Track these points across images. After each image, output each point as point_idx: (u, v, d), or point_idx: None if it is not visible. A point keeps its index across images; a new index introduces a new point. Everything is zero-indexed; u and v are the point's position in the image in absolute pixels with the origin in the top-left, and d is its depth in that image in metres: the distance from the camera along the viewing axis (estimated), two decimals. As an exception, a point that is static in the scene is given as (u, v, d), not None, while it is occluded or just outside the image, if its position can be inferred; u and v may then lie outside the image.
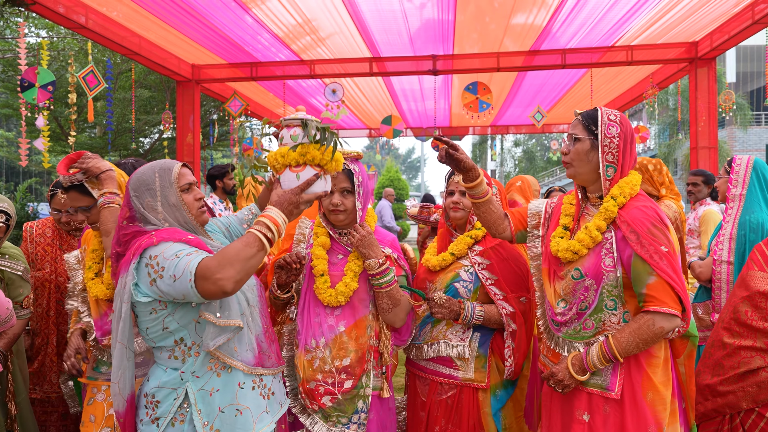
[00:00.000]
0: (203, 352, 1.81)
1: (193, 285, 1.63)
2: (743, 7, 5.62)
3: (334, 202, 2.36)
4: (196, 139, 7.63)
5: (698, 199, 4.73)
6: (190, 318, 1.79)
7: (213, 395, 1.81)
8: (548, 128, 12.23)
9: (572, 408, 2.07)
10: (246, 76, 7.48)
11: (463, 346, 2.49)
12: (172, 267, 1.67)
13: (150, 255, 1.72)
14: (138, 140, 14.26)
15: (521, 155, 35.43)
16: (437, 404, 2.52)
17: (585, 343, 2.05)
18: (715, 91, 6.70)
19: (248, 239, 1.71)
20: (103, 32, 5.70)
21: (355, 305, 2.36)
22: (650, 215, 2.00)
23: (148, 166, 1.91)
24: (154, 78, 11.65)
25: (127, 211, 1.86)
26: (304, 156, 1.93)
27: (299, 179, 1.95)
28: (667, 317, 1.93)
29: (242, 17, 6.01)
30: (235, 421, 1.83)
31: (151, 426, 1.83)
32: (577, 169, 2.16)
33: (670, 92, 19.66)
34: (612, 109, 2.14)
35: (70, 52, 9.40)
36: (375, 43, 6.84)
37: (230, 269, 1.64)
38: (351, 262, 2.38)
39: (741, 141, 23.42)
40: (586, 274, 2.05)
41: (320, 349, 2.30)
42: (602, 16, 6.03)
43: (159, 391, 1.83)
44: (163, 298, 1.73)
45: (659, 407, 1.97)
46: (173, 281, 1.66)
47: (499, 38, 6.80)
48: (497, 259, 2.53)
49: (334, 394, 2.27)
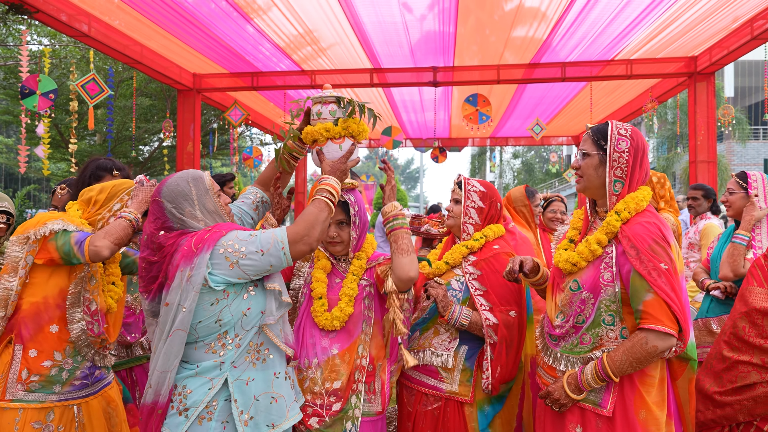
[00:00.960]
0: (243, 344, 1.92)
1: (287, 250, 1.91)
2: (742, 23, 5.66)
3: (331, 235, 2.38)
4: (197, 148, 7.64)
5: (698, 213, 4.73)
6: (241, 310, 1.92)
7: (249, 384, 1.91)
8: (547, 140, 12.26)
9: (565, 420, 2.06)
10: (247, 85, 7.50)
11: (448, 356, 2.47)
12: (255, 244, 1.90)
13: (224, 243, 1.89)
14: (138, 148, 14.28)
15: (520, 167, 35.50)
16: (423, 415, 2.49)
17: (582, 359, 2.04)
18: (714, 105, 6.73)
19: (319, 205, 2.02)
20: (105, 41, 5.73)
21: (349, 329, 2.34)
22: (652, 231, 1.97)
23: (179, 177, 2.02)
24: (155, 86, 11.69)
25: (162, 222, 1.96)
26: (345, 129, 2.27)
27: (342, 150, 2.29)
28: (662, 336, 1.90)
29: (244, 27, 6.03)
30: (270, 408, 1.92)
31: (178, 418, 1.85)
32: (586, 184, 2.16)
33: (669, 106, 19.75)
34: (624, 123, 2.12)
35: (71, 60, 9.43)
36: (376, 54, 6.87)
37: (314, 231, 1.97)
38: (346, 287, 2.37)
39: (739, 155, 23.51)
40: (584, 286, 2.05)
41: (312, 370, 2.29)
42: (602, 30, 6.06)
43: (192, 381, 1.88)
44: (241, 280, 1.90)
45: (652, 427, 1.94)
46: (261, 255, 1.89)
47: (499, 51, 6.84)
48: (489, 271, 2.51)
49: (322, 416, 2.25)
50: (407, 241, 2.32)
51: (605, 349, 2.01)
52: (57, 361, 2.26)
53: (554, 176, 33.05)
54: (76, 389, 2.31)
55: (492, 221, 2.65)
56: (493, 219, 2.65)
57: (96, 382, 2.40)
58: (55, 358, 2.25)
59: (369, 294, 2.41)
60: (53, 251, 2.25)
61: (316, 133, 2.28)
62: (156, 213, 1.97)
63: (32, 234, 2.25)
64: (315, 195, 2.08)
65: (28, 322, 2.25)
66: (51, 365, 2.24)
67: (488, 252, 2.57)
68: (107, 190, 2.45)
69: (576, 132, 11.30)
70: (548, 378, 2.17)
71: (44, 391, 2.23)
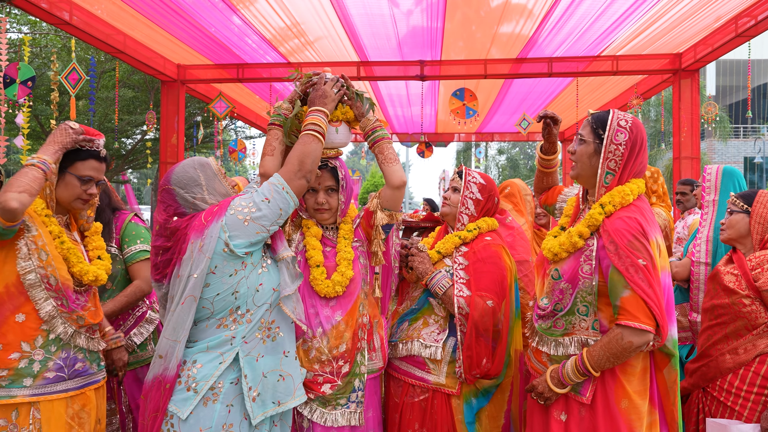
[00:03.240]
0: (255, 319, 1.98)
1: (287, 189, 2.01)
2: (727, 20, 5.71)
3: (319, 201, 2.39)
4: (180, 140, 7.54)
5: (687, 208, 4.78)
6: (255, 285, 1.98)
7: (258, 360, 1.95)
8: (533, 136, 12.31)
9: (551, 407, 2.11)
10: (232, 77, 7.42)
11: (437, 347, 2.47)
12: (258, 196, 1.99)
13: (233, 207, 1.97)
14: (121, 141, 14.08)
15: (505, 163, 35.65)
16: (410, 406, 2.49)
17: (554, 341, 2.11)
18: (698, 102, 6.80)
19: (306, 139, 2.11)
20: (87, 29, 5.61)
21: (350, 292, 2.35)
22: (632, 227, 1.98)
23: (186, 165, 2.09)
24: (138, 78, 11.53)
25: (174, 209, 2.03)
26: (344, 114, 2.40)
27: (338, 133, 2.40)
28: (637, 332, 1.92)
29: (230, 18, 5.95)
30: (277, 386, 1.97)
31: (186, 393, 1.85)
32: (579, 171, 2.16)
33: (653, 104, 19.95)
34: (625, 114, 2.09)
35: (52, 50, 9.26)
36: (363, 47, 6.83)
37: (306, 162, 2.07)
38: (342, 251, 2.38)
39: (720, 153, 23.83)
40: (563, 276, 2.08)
41: (317, 339, 2.28)
42: (588, 26, 6.08)
43: (202, 356, 1.90)
44: (260, 235, 1.96)
45: (633, 416, 1.98)
46: (268, 203, 1.97)
47: (486, 47, 6.84)
48: (474, 260, 2.52)
49: (334, 381, 2.28)
50: (392, 149, 2.39)
51: (575, 337, 2.06)
52: (26, 353, 2.09)
53: (539, 172, 33.17)
54: (50, 382, 2.11)
55: (488, 214, 2.66)
56: (489, 212, 2.66)
57: (76, 376, 2.18)
58: (23, 350, 2.08)
59: (362, 253, 2.46)
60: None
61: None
62: (167, 201, 2.03)
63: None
64: (303, 130, 2.15)
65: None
66: (20, 357, 2.08)
67: (479, 242, 2.59)
68: None
69: (561, 128, 11.35)
70: (535, 361, 2.21)
71: (15, 386, 2.06)
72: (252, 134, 16.39)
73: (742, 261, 2.56)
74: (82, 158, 2.23)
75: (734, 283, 2.52)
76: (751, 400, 2.39)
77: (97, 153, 2.26)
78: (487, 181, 2.65)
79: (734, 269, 2.58)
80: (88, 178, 2.25)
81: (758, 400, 2.38)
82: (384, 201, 2.40)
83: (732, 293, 2.50)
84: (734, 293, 2.50)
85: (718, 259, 3.04)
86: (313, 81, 2.37)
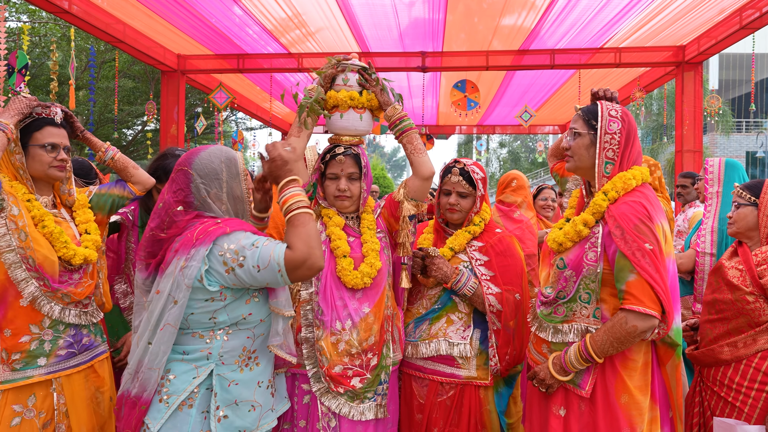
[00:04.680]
0: (234, 340, 1.82)
1: (284, 274, 1.73)
2: (731, 12, 5.67)
3: (341, 188, 2.33)
4: (180, 131, 7.51)
5: (687, 201, 4.77)
6: (240, 314, 1.82)
7: (231, 386, 1.80)
8: (534, 129, 12.27)
9: (550, 402, 2.08)
10: (233, 67, 7.38)
11: (465, 344, 2.43)
12: (254, 257, 1.72)
13: (225, 245, 1.74)
14: (121, 131, 14.04)
15: (506, 156, 35.60)
16: (437, 406, 2.45)
17: (553, 327, 2.08)
18: (701, 95, 6.76)
19: (302, 219, 1.79)
20: (86, 18, 5.57)
21: (377, 284, 2.31)
22: (638, 211, 1.96)
23: (212, 154, 1.89)
24: (138, 68, 11.49)
25: (184, 196, 1.83)
26: (369, 102, 2.35)
27: (362, 120, 2.34)
28: (642, 317, 1.89)
29: (231, 8, 5.91)
30: (247, 415, 1.83)
31: (158, 405, 1.76)
32: (577, 164, 2.14)
33: (655, 97, 19.88)
34: (613, 104, 2.09)
35: (52, 39, 9.21)
36: (364, 38, 6.79)
37: (315, 251, 1.76)
38: (369, 242, 2.34)
39: (722, 147, 23.77)
40: (568, 265, 2.06)
41: (346, 332, 2.24)
42: (591, 18, 6.04)
43: (177, 366, 1.79)
44: (236, 287, 1.77)
45: (634, 411, 1.95)
46: (257, 271, 1.72)
47: (488, 39, 6.79)
48: (495, 254, 2.50)
49: (364, 374, 2.24)
50: (420, 140, 2.36)
51: (574, 325, 2.04)
52: (35, 334, 2.14)
53: (540, 165, 33.19)
54: (63, 359, 2.19)
55: (485, 201, 2.63)
56: (484, 198, 2.63)
57: (85, 350, 2.28)
58: (32, 332, 2.13)
59: (386, 244, 2.42)
60: None
61: (341, 99, 2.32)
62: (181, 183, 1.84)
63: None
64: (293, 208, 1.81)
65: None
66: (30, 339, 2.13)
67: (492, 236, 2.56)
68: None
69: (563, 121, 11.33)
70: (535, 353, 2.19)
71: (30, 367, 2.12)
72: (253, 125, 16.33)
73: (748, 255, 2.52)
74: (37, 127, 2.26)
75: (738, 278, 2.47)
76: (751, 396, 2.37)
77: (51, 120, 2.29)
78: (483, 171, 2.59)
79: (739, 263, 2.53)
80: (50, 144, 2.26)
81: (759, 397, 2.35)
82: (411, 191, 2.39)
83: (735, 289, 2.46)
84: (738, 289, 2.46)
85: (723, 250, 3.05)
86: (341, 66, 2.35)
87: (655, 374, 2.03)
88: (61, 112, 2.35)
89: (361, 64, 2.36)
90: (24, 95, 2.23)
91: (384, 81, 2.39)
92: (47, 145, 2.25)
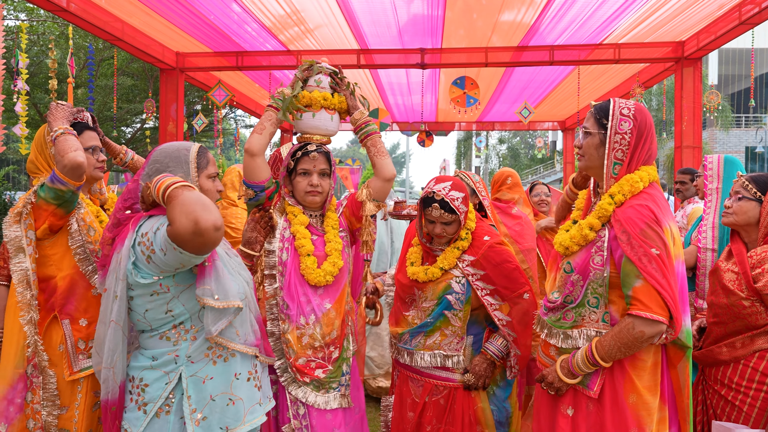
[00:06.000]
0: (201, 337, 1.78)
1: (179, 250, 1.58)
2: (730, 8, 5.65)
3: (314, 183, 2.39)
4: (179, 129, 7.49)
5: (686, 197, 4.77)
6: (196, 304, 1.76)
7: (206, 383, 1.77)
8: (533, 126, 12.25)
9: (558, 402, 2.08)
10: (231, 65, 7.36)
11: (458, 356, 2.51)
12: (158, 241, 1.65)
13: (142, 231, 1.71)
14: (119, 129, 14.01)
15: (506, 152, 35.54)
16: (431, 405, 2.51)
17: (563, 333, 2.07)
18: (700, 90, 6.75)
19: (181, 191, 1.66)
20: (84, 16, 5.56)
21: (338, 281, 2.40)
22: (645, 215, 1.93)
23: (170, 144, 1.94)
24: (137, 66, 11.46)
25: (131, 202, 1.88)
26: (340, 104, 2.46)
27: (332, 120, 2.44)
28: (649, 322, 1.87)
29: (229, 5, 5.90)
30: (226, 410, 1.78)
31: (137, 413, 1.76)
32: (587, 163, 2.12)
33: (654, 93, 19.84)
34: (627, 101, 2.04)
35: (50, 37, 9.19)
36: (363, 34, 6.77)
37: (206, 213, 1.56)
38: (332, 241, 2.41)
39: (722, 142, 23.75)
40: (575, 269, 2.04)
41: (310, 327, 2.32)
42: (590, 14, 6.03)
43: (148, 374, 1.77)
44: (168, 273, 1.70)
45: (642, 412, 1.93)
46: (164, 255, 1.64)
47: (487, 35, 6.78)
48: (490, 267, 2.49)
49: (326, 366, 2.33)
50: (382, 143, 2.46)
51: (584, 330, 2.02)
52: None
53: (539, 162, 33.16)
54: None
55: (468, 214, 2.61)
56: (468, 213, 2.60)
57: None
58: None
59: (347, 243, 2.50)
60: (45, 206, 2.20)
61: (314, 98, 2.40)
62: (131, 191, 1.85)
63: (21, 205, 2.24)
64: (168, 189, 1.65)
65: (69, 296, 2.26)
66: None
67: (481, 247, 2.54)
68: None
69: (563, 117, 11.31)
70: (544, 356, 2.18)
71: None
72: (252, 123, 16.32)
73: (743, 257, 2.49)
74: (78, 132, 2.39)
75: (734, 283, 2.45)
76: (750, 396, 2.36)
77: (88, 124, 2.47)
78: (462, 190, 2.50)
79: (734, 266, 2.51)
80: (91, 147, 2.45)
81: (757, 396, 2.35)
82: (374, 192, 2.45)
83: (731, 294, 2.44)
84: (733, 294, 2.43)
85: (724, 245, 3.05)
86: (316, 69, 2.45)
87: (664, 375, 2.02)
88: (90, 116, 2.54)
89: (332, 68, 2.46)
90: (60, 102, 2.39)
91: (353, 85, 2.49)
92: (89, 149, 2.41)
